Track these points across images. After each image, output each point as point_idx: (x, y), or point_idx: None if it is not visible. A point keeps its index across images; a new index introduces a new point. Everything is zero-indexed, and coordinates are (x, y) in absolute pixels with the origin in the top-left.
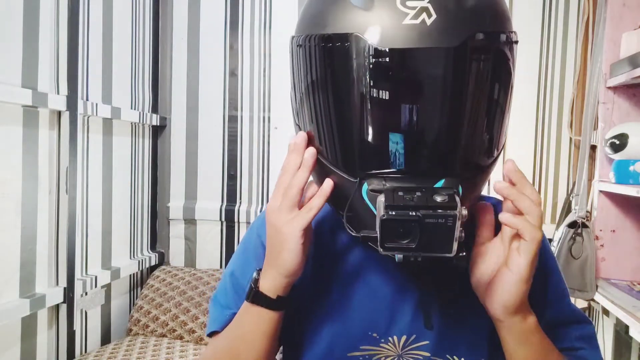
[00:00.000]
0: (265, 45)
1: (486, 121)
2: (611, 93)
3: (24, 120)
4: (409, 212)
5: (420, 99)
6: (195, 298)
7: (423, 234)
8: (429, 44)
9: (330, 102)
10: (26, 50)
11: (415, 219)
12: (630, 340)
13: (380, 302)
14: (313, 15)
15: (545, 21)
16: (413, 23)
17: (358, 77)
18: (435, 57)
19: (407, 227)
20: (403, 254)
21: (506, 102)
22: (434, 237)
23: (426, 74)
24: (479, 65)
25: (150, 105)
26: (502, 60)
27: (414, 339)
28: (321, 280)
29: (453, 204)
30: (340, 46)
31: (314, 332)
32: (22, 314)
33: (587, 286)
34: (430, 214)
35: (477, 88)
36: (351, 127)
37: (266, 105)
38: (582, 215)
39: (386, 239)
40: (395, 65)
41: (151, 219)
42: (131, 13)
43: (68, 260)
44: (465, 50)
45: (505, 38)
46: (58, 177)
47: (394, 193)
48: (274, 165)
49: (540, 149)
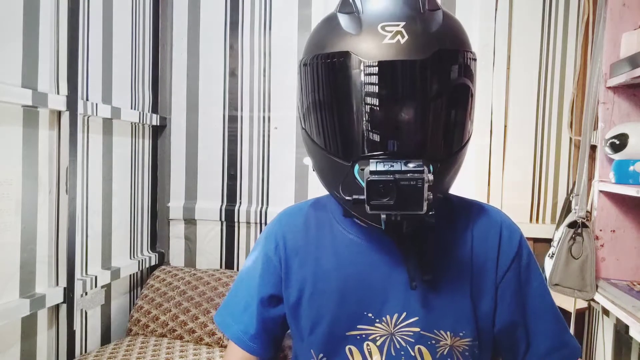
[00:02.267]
0: (265, 45)
1: (449, 117)
2: (611, 93)
3: (24, 120)
4: (388, 175)
5: (398, 99)
6: (195, 298)
7: (399, 193)
8: (401, 57)
9: (331, 105)
10: (26, 50)
11: (392, 180)
12: (631, 340)
13: (374, 283)
14: (316, 41)
15: (545, 21)
16: (390, 42)
17: (352, 85)
18: (407, 67)
19: (387, 187)
20: (385, 212)
21: (466, 104)
22: (408, 197)
23: (400, 80)
24: (441, 74)
25: (150, 105)
26: (461, 71)
27: (404, 316)
28: (321, 270)
29: (421, 169)
30: (338, 61)
31: (317, 315)
32: (22, 314)
33: (587, 286)
34: (403, 177)
35: (439, 91)
36: (347, 122)
37: (266, 105)
38: (582, 215)
39: (371, 197)
40: (378, 74)
41: (151, 219)
42: (131, 13)
43: (68, 260)
44: (428, 62)
45: (463, 55)
46: (58, 177)
47: (377, 165)
48: (274, 165)
49: (540, 149)
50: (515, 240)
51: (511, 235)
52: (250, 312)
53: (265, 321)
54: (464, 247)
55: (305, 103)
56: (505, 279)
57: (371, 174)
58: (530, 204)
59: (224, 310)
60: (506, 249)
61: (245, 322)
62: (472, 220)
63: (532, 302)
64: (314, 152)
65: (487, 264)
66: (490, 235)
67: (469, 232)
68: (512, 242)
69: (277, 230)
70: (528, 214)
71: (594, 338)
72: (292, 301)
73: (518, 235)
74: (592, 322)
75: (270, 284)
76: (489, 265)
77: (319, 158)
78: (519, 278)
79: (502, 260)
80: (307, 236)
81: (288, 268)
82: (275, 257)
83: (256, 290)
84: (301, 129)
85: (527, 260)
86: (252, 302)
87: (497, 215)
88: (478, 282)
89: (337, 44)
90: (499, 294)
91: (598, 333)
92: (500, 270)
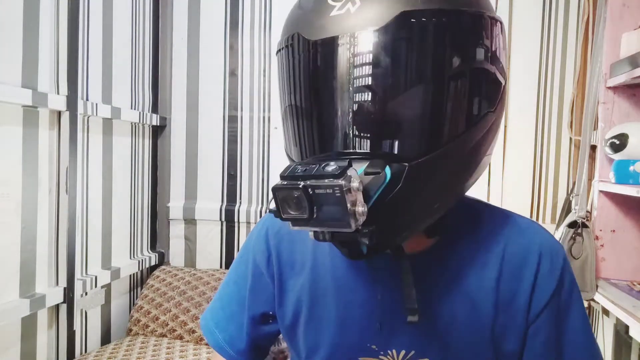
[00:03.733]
0: (265, 45)
1: (416, 103)
2: (611, 93)
3: (24, 120)
4: (297, 181)
5: (337, 84)
6: (195, 298)
7: (315, 205)
8: (347, 30)
9: (282, 98)
10: (26, 50)
11: (299, 187)
12: (630, 340)
13: (379, 314)
14: (284, 26)
15: (545, 21)
16: (338, 14)
17: (295, 72)
18: (354, 43)
19: (297, 196)
20: (304, 228)
21: (452, 83)
22: (327, 209)
23: (343, 61)
24: (403, 45)
25: (150, 105)
26: (441, 37)
27: (413, 354)
28: (318, 293)
29: (340, 174)
30: (289, 45)
31: (314, 342)
32: (22, 314)
33: (587, 286)
34: (313, 184)
35: (399, 69)
36: (292, 117)
37: (266, 105)
38: (582, 215)
39: (282, 208)
40: (320, 56)
41: (151, 219)
42: (131, 13)
43: (68, 260)
44: (381, 32)
45: (449, 15)
46: (58, 177)
47: (295, 167)
48: (274, 165)
49: (540, 149)
50: (556, 270)
51: (553, 264)
52: (238, 324)
53: (256, 339)
54: (488, 274)
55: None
56: (540, 319)
57: (280, 179)
58: (530, 204)
59: (209, 314)
60: (544, 283)
61: (231, 333)
62: (503, 241)
63: (569, 347)
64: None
65: (518, 299)
66: (526, 263)
67: (497, 256)
68: (553, 274)
69: (270, 238)
70: (528, 214)
71: None
72: (287, 322)
73: (561, 261)
74: (592, 322)
75: (262, 301)
76: (520, 301)
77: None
78: (557, 317)
79: (538, 297)
80: (304, 248)
81: (282, 284)
82: (267, 272)
83: (245, 306)
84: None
85: (568, 293)
86: (241, 315)
87: (537, 236)
88: (504, 319)
89: (291, 25)
90: (529, 335)
91: (598, 333)
92: (534, 308)
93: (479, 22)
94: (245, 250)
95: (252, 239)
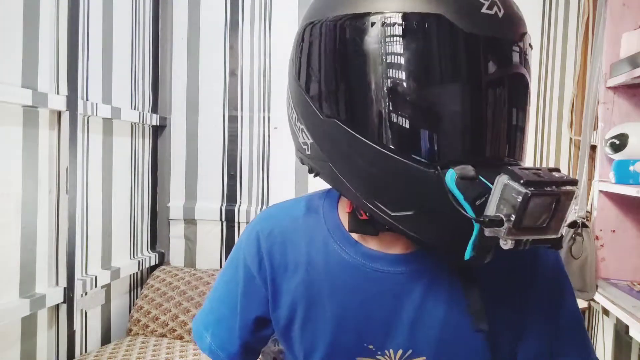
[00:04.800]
0: (265, 45)
1: (526, 114)
2: (611, 93)
3: (24, 120)
4: (550, 188)
5: (500, 86)
6: (195, 298)
7: (554, 211)
8: (500, 35)
9: (408, 86)
10: (26, 50)
11: (556, 194)
12: (630, 340)
13: (377, 315)
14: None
15: (545, 21)
16: (488, 13)
17: (443, 59)
18: (510, 50)
19: (547, 204)
20: (532, 236)
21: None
22: (559, 216)
23: (503, 63)
24: (527, 62)
25: (150, 105)
26: (529, 58)
27: (410, 353)
28: (313, 293)
29: (573, 180)
30: (420, 26)
31: (310, 344)
32: (22, 314)
33: (587, 286)
34: (565, 190)
35: (527, 82)
36: (434, 111)
37: (266, 105)
38: (582, 215)
39: (527, 218)
40: (488, 53)
41: (151, 219)
42: (131, 13)
43: (68, 260)
44: (523, 46)
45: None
46: (58, 177)
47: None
48: (274, 165)
49: (540, 148)
50: (553, 269)
51: (547, 261)
52: (228, 327)
53: (249, 342)
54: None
55: (333, 79)
56: (534, 316)
57: (526, 186)
58: None
59: (200, 319)
60: (539, 280)
61: (222, 337)
62: None
63: (564, 329)
64: (346, 147)
65: (513, 297)
66: (521, 262)
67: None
68: (547, 271)
69: (261, 241)
70: None
71: (594, 338)
72: (282, 325)
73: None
74: (592, 322)
75: (254, 305)
76: (515, 299)
77: (357, 156)
78: (550, 308)
79: (533, 295)
80: (297, 249)
81: (275, 287)
82: (259, 275)
83: (237, 310)
84: (311, 112)
85: (561, 286)
86: (232, 318)
87: None
88: (500, 317)
89: (412, 2)
90: (524, 332)
91: (598, 333)
92: (529, 305)
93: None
94: (236, 253)
95: (242, 242)
